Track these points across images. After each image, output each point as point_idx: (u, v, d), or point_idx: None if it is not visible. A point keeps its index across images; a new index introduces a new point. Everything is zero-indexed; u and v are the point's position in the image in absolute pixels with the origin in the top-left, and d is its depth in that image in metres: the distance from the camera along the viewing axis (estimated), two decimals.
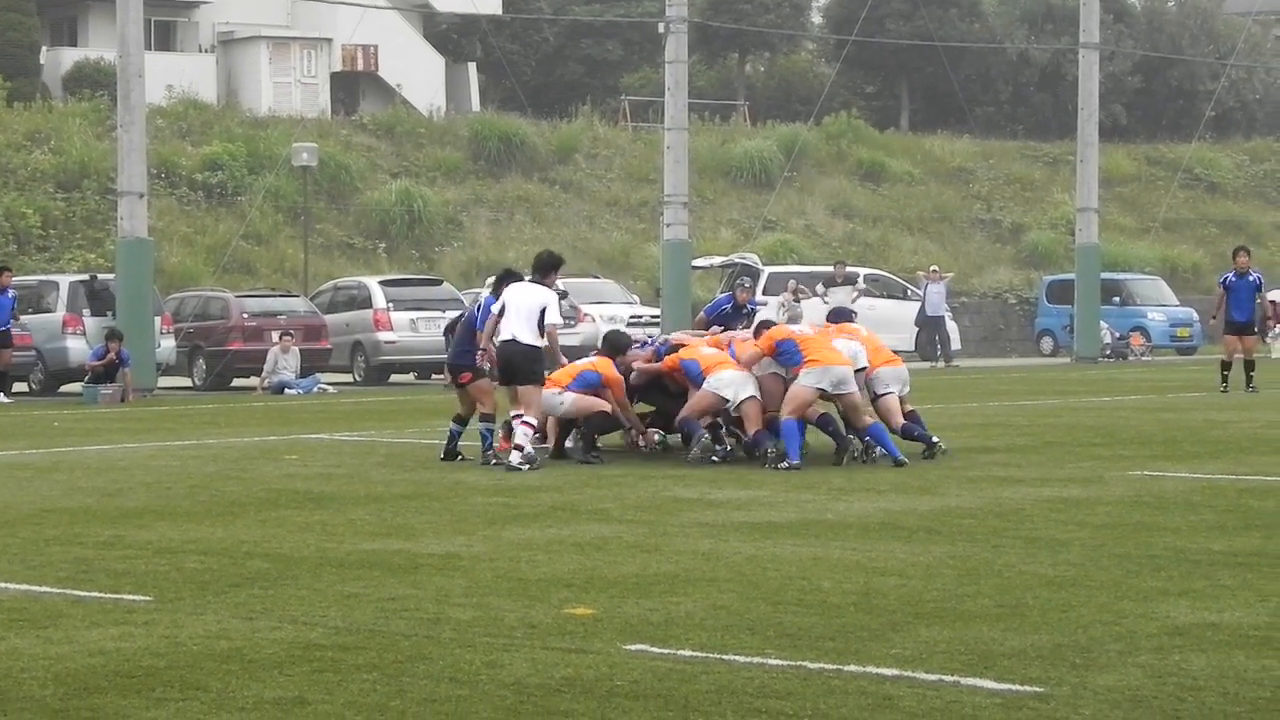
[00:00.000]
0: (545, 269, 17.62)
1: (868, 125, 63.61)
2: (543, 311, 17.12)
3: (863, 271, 43.04)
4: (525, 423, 17.07)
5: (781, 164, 56.09)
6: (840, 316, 19.67)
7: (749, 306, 23.46)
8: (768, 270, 44.62)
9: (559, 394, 17.84)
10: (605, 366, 18.19)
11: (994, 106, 68.61)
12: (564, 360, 18.23)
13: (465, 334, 18.40)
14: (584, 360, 18.92)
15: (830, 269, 42.14)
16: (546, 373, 17.69)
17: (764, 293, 43.51)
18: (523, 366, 17.14)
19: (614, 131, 60.93)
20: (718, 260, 46.41)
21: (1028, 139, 66.09)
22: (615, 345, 18.68)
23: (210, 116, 54.70)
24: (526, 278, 17.76)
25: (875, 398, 17.89)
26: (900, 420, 17.80)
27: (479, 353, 17.85)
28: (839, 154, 61.20)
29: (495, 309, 17.51)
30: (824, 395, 17.17)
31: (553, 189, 56.19)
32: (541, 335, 17.18)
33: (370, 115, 58.24)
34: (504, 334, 17.22)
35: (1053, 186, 61.45)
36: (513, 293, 17.37)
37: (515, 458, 16.88)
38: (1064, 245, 54.71)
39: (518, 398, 17.36)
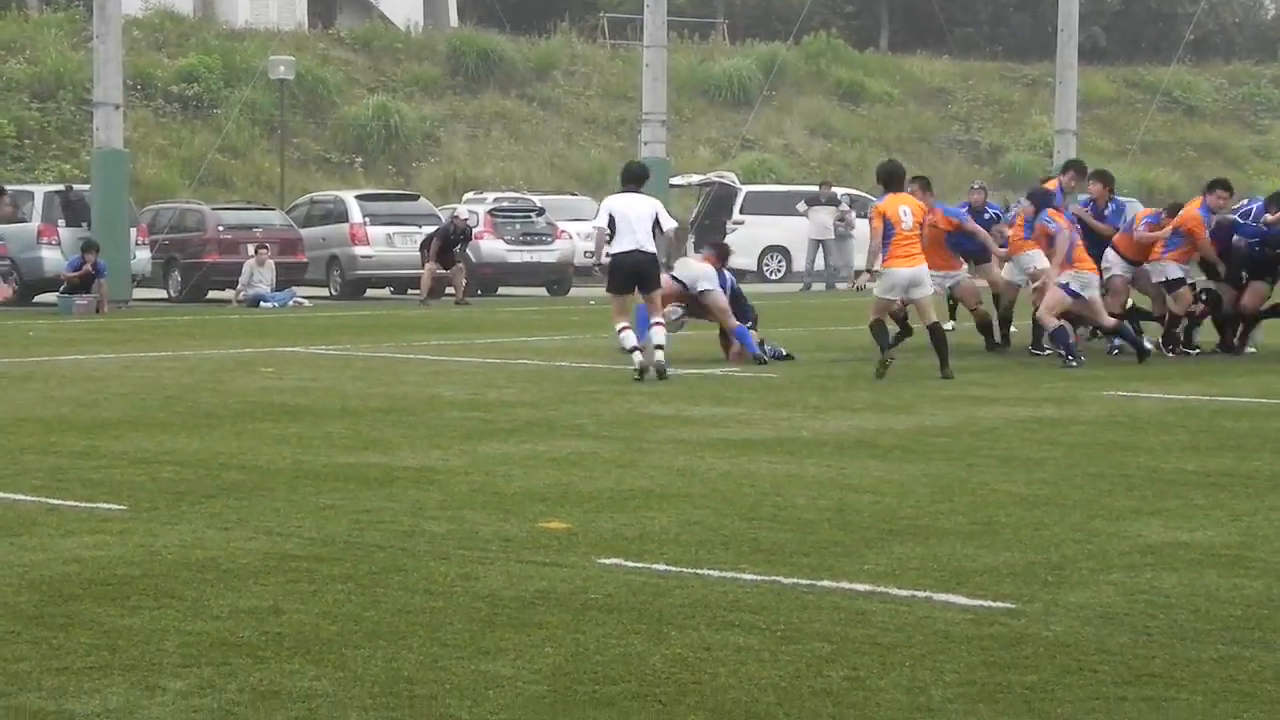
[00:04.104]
0: (640, 178, 18.12)
1: (847, 45, 63.40)
2: (657, 218, 17.67)
3: (842, 191, 42.98)
4: (658, 324, 17.57)
5: (760, 83, 55.88)
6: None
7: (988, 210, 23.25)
8: (745, 189, 44.57)
9: None
10: None
11: (973, 27, 68.41)
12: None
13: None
14: None
15: (815, 188, 42.11)
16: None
17: (741, 212, 43.53)
18: (651, 272, 17.68)
19: (592, 48, 60.65)
20: (696, 179, 46.32)
21: (1007, 60, 65.93)
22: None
23: (186, 28, 54.34)
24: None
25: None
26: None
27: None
28: (818, 73, 61.02)
29: (603, 223, 17.80)
30: None
31: (530, 106, 55.95)
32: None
33: (348, 29, 57.88)
34: (627, 244, 17.45)
35: (1031, 108, 61.36)
36: (621, 203, 17.65)
37: (661, 355, 17.27)
38: (1042, 167, 54.61)
39: (646, 301, 17.75)
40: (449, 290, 34.78)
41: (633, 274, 17.61)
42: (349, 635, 6.84)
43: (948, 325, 23.83)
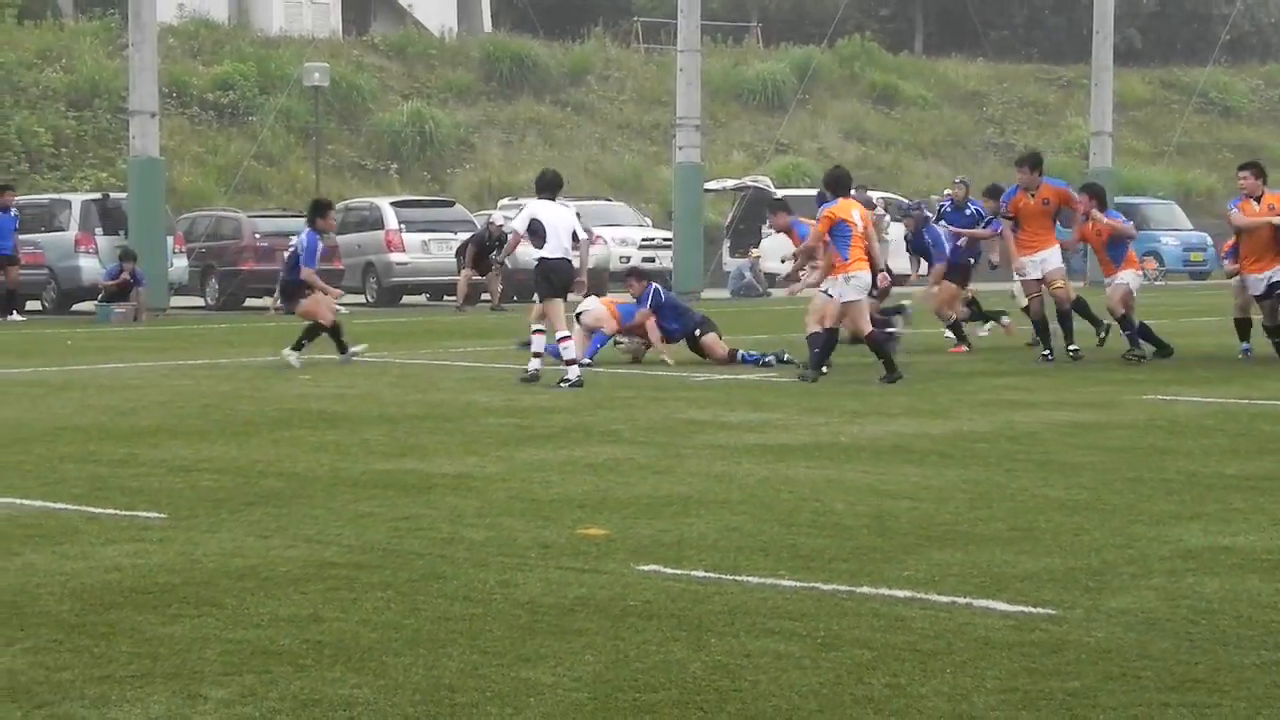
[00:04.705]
0: (557, 186, 18.40)
1: (881, 48, 63.33)
2: (574, 229, 18.06)
3: (877, 195, 42.89)
4: (567, 337, 17.92)
5: (794, 87, 55.85)
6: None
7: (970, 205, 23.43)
8: (779, 194, 44.48)
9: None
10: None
11: (1008, 30, 68.26)
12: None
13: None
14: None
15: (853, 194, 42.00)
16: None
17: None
18: (571, 281, 18.07)
19: (626, 53, 60.69)
20: (730, 183, 46.33)
21: (1042, 62, 65.78)
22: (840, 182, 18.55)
23: (221, 36, 54.53)
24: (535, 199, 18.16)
25: None
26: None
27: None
28: (852, 77, 60.95)
29: (521, 228, 18.10)
30: None
31: (564, 111, 56.00)
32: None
33: (381, 36, 58.01)
34: (557, 251, 17.83)
35: (1067, 110, 61.21)
36: (546, 211, 17.98)
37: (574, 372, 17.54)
38: (1078, 169, 54.52)
39: (552, 313, 17.93)
40: (485, 296, 34.82)
41: (562, 280, 17.94)
42: (389, 643, 6.85)
43: (983, 331, 23.83)
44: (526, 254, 37.44)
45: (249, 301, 35.90)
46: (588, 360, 19.30)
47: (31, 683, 6.26)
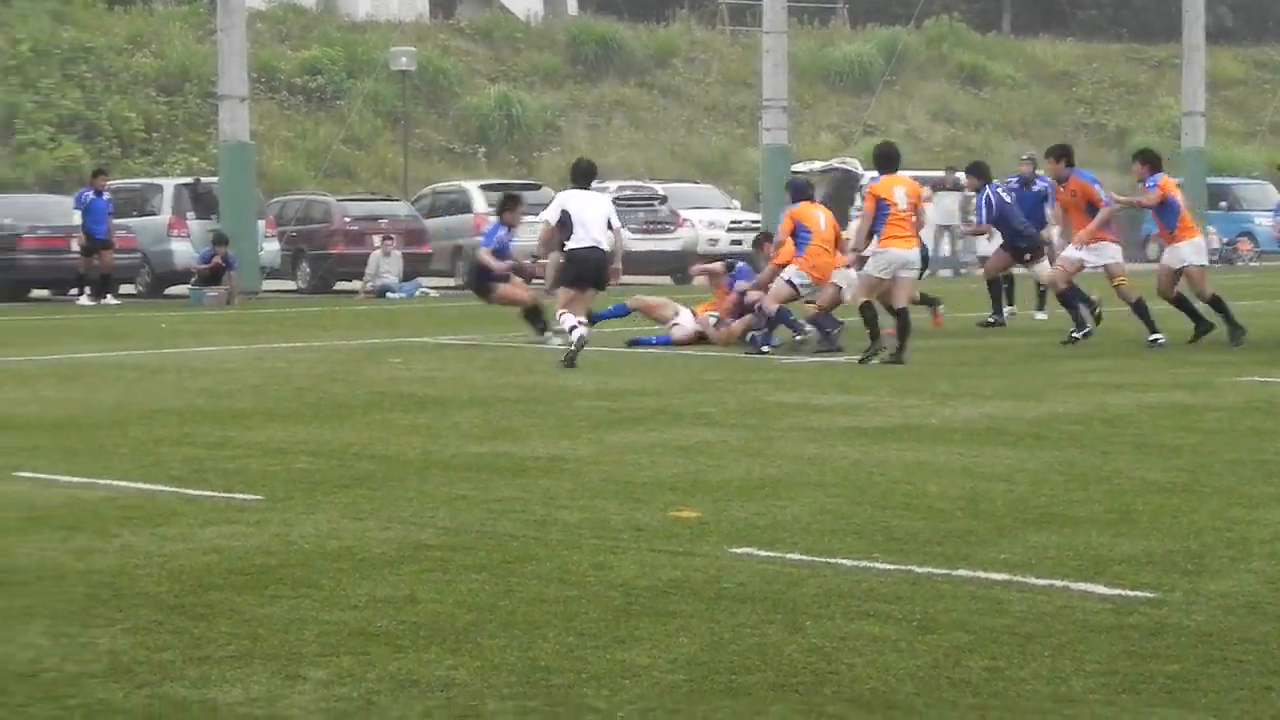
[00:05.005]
0: (591, 175, 18.70)
1: (969, 28, 62.95)
2: (609, 217, 18.26)
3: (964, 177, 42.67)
4: (582, 323, 18.13)
5: (881, 68, 55.61)
6: None
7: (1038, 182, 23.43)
8: (867, 176, 44.32)
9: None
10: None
11: (1097, 9, 67.67)
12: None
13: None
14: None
15: (939, 174, 41.80)
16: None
17: (862, 199, 43.23)
18: (604, 270, 18.25)
19: (712, 35, 60.58)
20: (818, 165, 46.16)
21: (1132, 41, 65.19)
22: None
23: (309, 20, 54.83)
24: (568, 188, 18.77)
25: None
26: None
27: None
28: (940, 57, 60.60)
29: (552, 219, 18.33)
30: None
31: (651, 93, 55.98)
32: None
33: (468, 19, 58.17)
34: (585, 240, 17.99)
35: (1158, 90, 60.65)
36: (577, 201, 18.19)
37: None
38: (1170, 150, 54.05)
39: (574, 299, 18.27)
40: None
41: (590, 270, 18.09)
42: (485, 624, 6.87)
43: (1040, 316, 23.71)
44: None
45: (339, 285, 36.09)
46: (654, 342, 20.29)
47: (133, 663, 6.32)
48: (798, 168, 42.90)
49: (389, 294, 33.74)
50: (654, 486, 10.09)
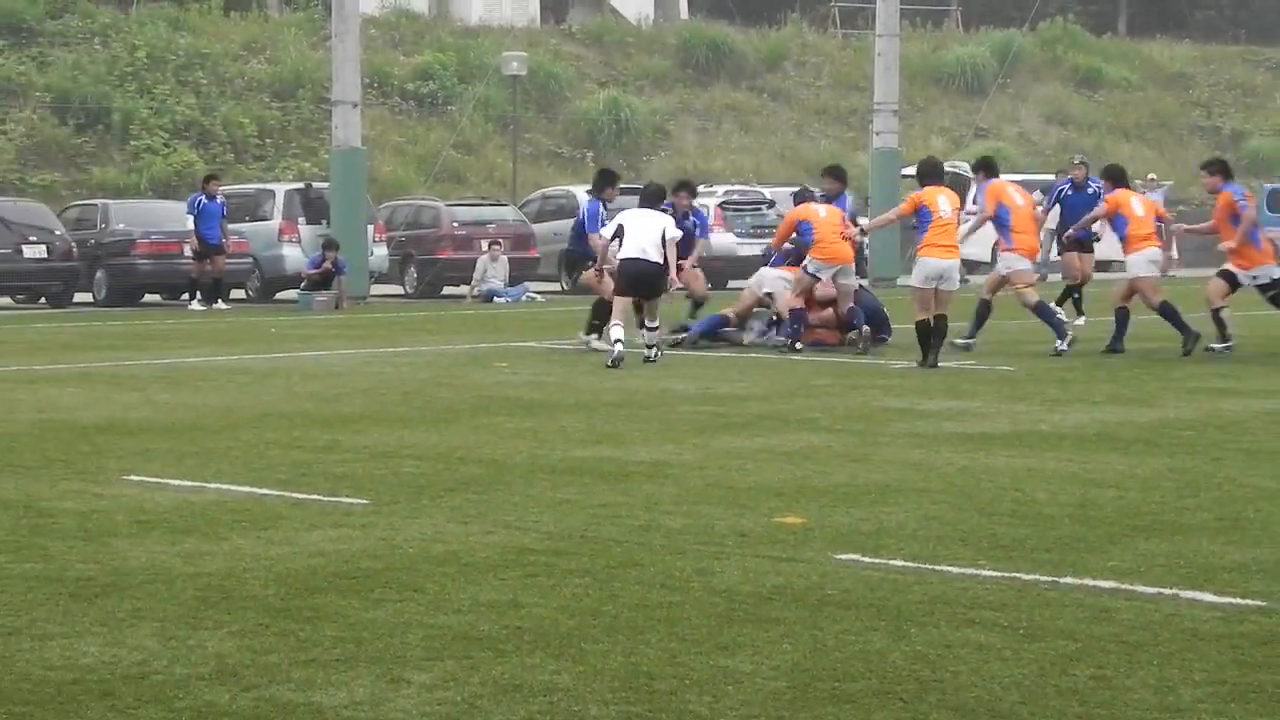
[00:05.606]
0: (659, 197, 19.96)
1: (1084, 30, 62.38)
2: (664, 233, 18.94)
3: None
4: (655, 327, 18.99)
5: (994, 70, 55.23)
6: None
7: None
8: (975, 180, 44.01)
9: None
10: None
11: (1214, 10, 66.92)
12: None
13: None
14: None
15: (1052, 178, 41.42)
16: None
17: (975, 202, 42.95)
18: (656, 282, 19.05)
19: (823, 38, 60.41)
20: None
21: (1250, 43, 64.37)
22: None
23: (422, 26, 55.16)
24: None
25: None
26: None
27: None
28: (1054, 60, 60.11)
29: (609, 235, 19.36)
30: None
31: (761, 97, 55.89)
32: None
33: (579, 24, 58.31)
34: (633, 251, 18.81)
35: (1276, 92, 59.85)
36: (631, 218, 19.10)
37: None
38: None
39: (620, 306, 19.01)
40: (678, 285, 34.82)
41: (638, 280, 18.78)
42: (587, 629, 6.87)
43: (1079, 321, 23.49)
44: (721, 244, 37.70)
45: (446, 289, 36.27)
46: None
47: (239, 666, 6.37)
48: (907, 171, 42.63)
49: (495, 298, 33.86)
50: (758, 492, 10.06)
